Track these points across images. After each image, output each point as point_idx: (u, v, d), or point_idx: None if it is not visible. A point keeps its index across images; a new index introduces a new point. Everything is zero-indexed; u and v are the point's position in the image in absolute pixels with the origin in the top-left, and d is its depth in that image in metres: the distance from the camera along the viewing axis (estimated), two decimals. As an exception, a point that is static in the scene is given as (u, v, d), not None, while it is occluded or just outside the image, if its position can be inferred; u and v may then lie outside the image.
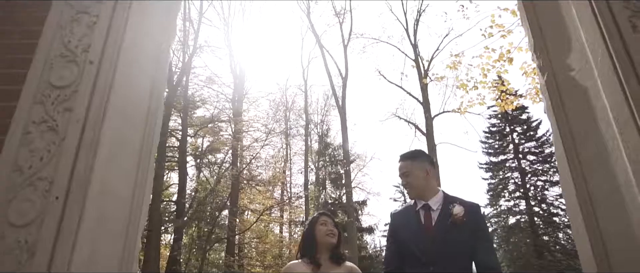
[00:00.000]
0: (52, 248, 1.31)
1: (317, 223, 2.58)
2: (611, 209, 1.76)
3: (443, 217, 2.34)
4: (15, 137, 1.45)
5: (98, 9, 1.69)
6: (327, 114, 23.08)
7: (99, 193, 1.48)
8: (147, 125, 1.83)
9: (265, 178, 17.60)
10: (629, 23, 1.75)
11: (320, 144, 22.18)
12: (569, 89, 2.03)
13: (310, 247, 2.51)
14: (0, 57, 1.67)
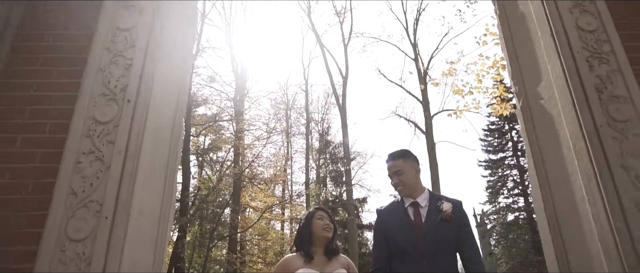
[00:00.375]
0: (105, 259, 1.62)
1: (314, 217, 2.61)
2: (570, 221, 2.07)
3: (432, 214, 2.41)
4: (68, 166, 1.75)
5: (132, 52, 1.99)
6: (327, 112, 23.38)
7: (138, 213, 1.79)
8: (171, 150, 2.14)
9: (266, 177, 17.90)
10: (587, 63, 2.04)
11: (320, 142, 22.49)
12: (539, 115, 2.33)
13: (306, 241, 2.54)
14: (47, 94, 1.97)
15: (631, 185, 1.79)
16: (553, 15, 2.18)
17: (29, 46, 2.05)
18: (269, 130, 18.47)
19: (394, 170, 2.53)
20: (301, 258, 2.48)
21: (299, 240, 2.62)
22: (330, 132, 23.30)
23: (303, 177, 21.47)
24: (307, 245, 2.52)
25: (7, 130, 1.89)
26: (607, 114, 1.93)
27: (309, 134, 21.15)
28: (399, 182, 2.51)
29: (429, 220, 2.41)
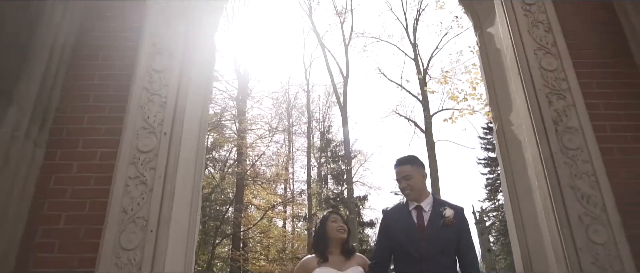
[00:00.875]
0: (151, 264, 2.04)
1: (328, 220, 2.71)
2: (533, 229, 2.49)
3: (434, 218, 2.51)
4: (119, 189, 2.17)
5: (166, 91, 2.40)
6: (328, 110, 23.78)
7: (174, 226, 2.21)
8: (196, 172, 2.57)
9: (269, 176, 18.31)
10: (547, 98, 2.45)
11: (322, 141, 22.90)
12: (511, 138, 2.74)
13: (322, 243, 2.64)
14: (97, 127, 2.39)
15: (577, 202, 2.20)
16: (520, 55, 2.58)
17: (81, 85, 2.47)
18: (270, 130, 18.86)
19: (403, 175, 2.62)
20: (318, 259, 2.57)
21: (315, 242, 2.73)
22: (331, 131, 23.72)
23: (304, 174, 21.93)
24: (324, 247, 2.62)
25: (66, 157, 2.31)
26: (561, 142, 2.34)
27: (311, 132, 21.55)
28: (407, 186, 2.60)
29: (431, 224, 2.50)
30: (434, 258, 2.41)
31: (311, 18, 18.30)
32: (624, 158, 2.36)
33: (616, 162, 2.34)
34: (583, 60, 2.60)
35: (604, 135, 2.40)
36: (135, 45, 2.55)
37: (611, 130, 2.44)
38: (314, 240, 2.80)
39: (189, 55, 2.56)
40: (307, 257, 2.73)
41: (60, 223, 2.17)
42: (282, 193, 21.06)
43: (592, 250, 2.11)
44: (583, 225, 2.16)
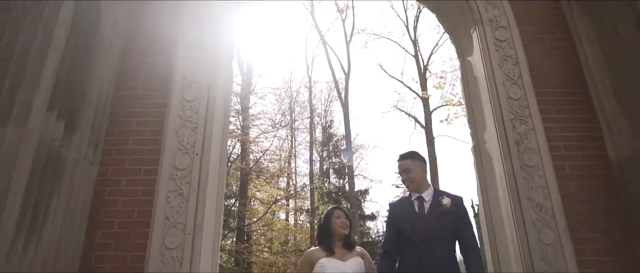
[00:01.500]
0: (190, 261, 2.58)
1: (332, 216, 2.91)
2: (500, 232, 3.01)
3: (433, 207, 2.74)
4: (162, 200, 2.71)
5: (196, 118, 2.93)
6: (330, 105, 24.27)
7: (206, 229, 2.75)
8: (219, 184, 3.10)
9: (272, 171, 18.87)
10: (511, 123, 2.97)
11: (323, 135, 23.44)
12: (484, 154, 3.26)
13: (326, 237, 2.86)
14: (141, 148, 2.92)
15: (532, 210, 2.73)
16: (491, 86, 3.10)
17: (125, 112, 3.00)
18: (273, 125, 19.38)
19: (404, 168, 2.86)
20: (322, 251, 2.79)
21: (320, 235, 2.95)
22: (332, 125, 24.25)
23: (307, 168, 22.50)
24: (328, 240, 2.84)
25: (116, 173, 2.85)
26: (522, 160, 2.86)
27: (313, 127, 22.08)
28: (407, 179, 2.85)
29: (431, 212, 2.73)
30: (433, 243, 2.64)
31: (313, 16, 18.70)
32: (574, 173, 2.89)
33: (567, 177, 2.87)
34: (545, 90, 3.12)
35: (558, 154, 2.92)
36: (169, 78, 3.07)
37: (564, 149, 2.96)
38: (318, 234, 3.03)
39: (213, 84, 3.08)
40: (312, 248, 2.94)
41: (115, 228, 2.71)
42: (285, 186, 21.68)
43: (542, 249, 2.64)
44: (536, 229, 2.70)
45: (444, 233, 2.67)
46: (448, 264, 2.62)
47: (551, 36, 3.32)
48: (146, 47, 3.20)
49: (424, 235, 2.67)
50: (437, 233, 2.66)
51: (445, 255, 2.64)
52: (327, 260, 2.73)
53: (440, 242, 2.66)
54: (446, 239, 2.68)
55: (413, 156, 2.92)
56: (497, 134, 2.99)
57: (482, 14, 3.30)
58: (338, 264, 2.71)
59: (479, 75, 3.33)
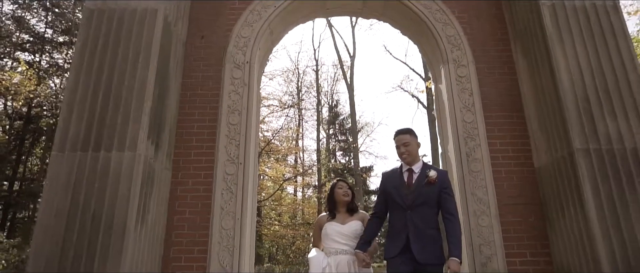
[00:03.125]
0: (240, 237, 3.88)
1: (336, 187, 3.55)
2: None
3: (421, 178, 3.15)
4: (218, 196, 3.98)
5: (239, 137, 4.16)
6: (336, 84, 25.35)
7: (247, 215, 4.04)
8: (254, 181, 4.36)
9: (282, 149, 20.22)
10: (464, 141, 4.16)
11: (330, 114, 24.65)
12: (447, 160, 4.48)
13: (332, 204, 3.52)
14: (200, 158, 4.17)
15: (475, 203, 3.97)
16: (451, 111, 4.28)
17: (187, 132, 4.24)
18: (282, 106, 20.58)
19: (403, 142, 3.25)
20: (328, 217, 3.47)
21: (327, 204, 3.58)
22: (338, 105, 25.40)
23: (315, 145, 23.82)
24: (333, 207, 3.51)
25: (184, 177, 4.11)
26: (469, 167, 4.08)
27: (320, 107, 23.27)
28: (405, 152, 3.22)
29: (418, 182, 3.15)
30: (417, 207, 3.08)
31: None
32: (507, 176, 4.11)
33: (501, 179, 4.09)
34: (491, 114, 4.30)
35: (497, 162, 4.14)
36: (217, 106, 4.29)
37: (502, 158, 4.17)
38: (327, 202, 3.63)
39: (249, 109, 4.30)
40: (322, 214, 3.62)
41: (186, 215, 4.00)
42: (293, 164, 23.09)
43: (479, 229, 3.89)
44: (476, 215, 3.94)
45: (427, 200, 3.10)
46: (428, 225, 3.05)
47: (500, 71, 4.47)
48: (199, 83, 4.41)
49: (410, 202, 3.11)
50: (421, 200, 3.10)
51: (427, 217, 3.07)
52: (329, 224, 3.43)
53: (423, 207, 3.09)
54: (428, 205, 3.11)
55: (411, 132, 3.34)
56: (454, 148, 4.20)
57: (449, 55, 4.45)
58: (337, 227, 3.38)
59: (445, 100, 4.50)
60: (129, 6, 3.90)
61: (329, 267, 3.22)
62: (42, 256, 3.19)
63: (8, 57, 16.24)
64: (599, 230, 3.29)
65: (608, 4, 3.99)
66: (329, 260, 3.27)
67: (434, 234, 3.06)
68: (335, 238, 3.34)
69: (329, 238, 3.37)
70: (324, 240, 3.42)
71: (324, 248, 3.42)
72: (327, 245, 3.39)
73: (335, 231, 3.37)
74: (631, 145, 3.51)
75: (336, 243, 3.33)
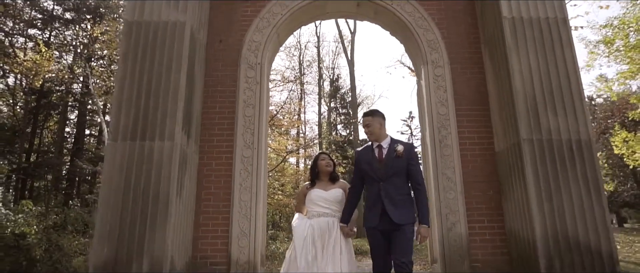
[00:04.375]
0: (255, 207, 4.92)
1: (319, 159, 4.08)
2: (432, 192, 5.27)
3: (390, 152, 3.56)
4: (237, 175, 5.00)
5: (253, 126, 5.13)
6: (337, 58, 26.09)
7: (261, 190, 5.06)
8: (265, 161, 5.37)
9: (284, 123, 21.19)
10: (438, 130, 5.13)
11: (331, 88, 25.48)
12: (424, 146, 5.47)
13: (315, 174, 4.04)
14: (220, 144, 5.16)
15: (445, 179, 4.97)
16: (428, 105, 5.22)
17: (210, 123, 5.21)
18: (284, 80, 21.41)
19: (365, 123, 3.73)
20: (310, 185, 4.01)
21: (310, 173, 4.13)
22: (339, 79, 26.18)
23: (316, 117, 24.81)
24: (315, 176, 4.04)
25: (209, 159, 5.11)
26: (441, 152, 5.06)
27: (322, 80, 24.10)
28: (368, 131, 3.69)
29: (387, 156, 3.57)
30: (389, 178, 3.52)
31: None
32: (472, 159, 5.09)
33: (467, 161, 5.07)
34: (461, 107, 5.24)
35: (464, 147, 5.11)
36: (234, 101, 5.23)
37: (469, 144, 5.14)
38: (310, 172, 4.12)
39: (261, 103, 5.25)
40: (305, 183, 4.16)
41: (211, 189, 5.03)
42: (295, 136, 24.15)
43: (447, 202, 4.91)
44: (445, 190, 4.95)
45: (396, 172, 3.52)
46: (400, 192, 3.49)
47: (471, 71, 5.38)
48: (218, 81, 5.35)
49: (381, 174, 3.54)
50: (391, 172, 3.51)
51: (398, 186, 3.50)
52: (313, 190, 3.92)
53: (394, 177, 3.51)
54: (398, 176, 3.53)
55: (373, 114, 3.76)
56: (429, 136, 5.18)
57: (428, 57, 5.35)
58: (321, 193, 3.87)
59: (424, 95, 5.43)
60: (162, 19, 4.79)
61: (311, 228, 3.68)
62: (106, 222, 4.23)
63: (20, 35, 17.01)
64: (535, 202, 4.30)
65: (558, 18, 4.86)
66: (311, 222, 3.75)
67: (405, 199, 3.52)
68: (319, 202, 3.81)
69: (313, 203, 3.84)
70: (308, 205, 3.90)
71: (307, 212, 3.90)
72: (310, 209, 3.86)
73: (319, 196, 3.84)
74: (566, 137, 4.47)
75: (319, 207, 3.80)
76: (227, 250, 4.79)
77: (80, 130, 18.08)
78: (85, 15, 17.61)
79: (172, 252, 4.24)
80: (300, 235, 3.60)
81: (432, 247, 5.27)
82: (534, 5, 4.90)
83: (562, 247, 4.15)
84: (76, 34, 17.65)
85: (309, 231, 3.63)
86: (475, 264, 4.77)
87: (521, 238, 4.48)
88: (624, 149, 14.72)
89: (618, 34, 13.83)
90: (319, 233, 3.61)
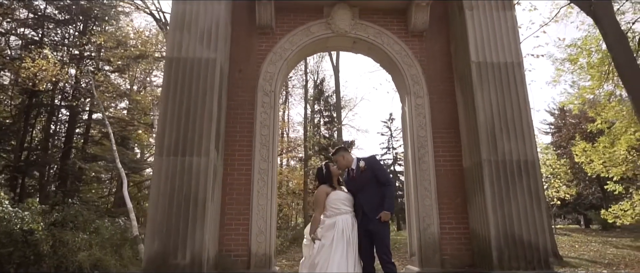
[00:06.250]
0: (271, 210, 6.19)
1: (330, 167, 4.92)
2: (409, 197, 6.65)
3: (357, 171, 4.81)
4: (255, 183, 6.25)
5: (268, 143, 6.40)
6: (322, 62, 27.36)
7: (273, 195, 6.33)
8: (275, 172, 6.65)
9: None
10: (417, 149, 6.51)
11: (315, 90, 26.76)
12: (406, 161, 6.85)
13: (330, 179, 4.85)
14: (240, 158, 6.40)
15: (423, 189, 6.35)
16: (410, 128, 6.59)
17: (232, 140, 6.44)
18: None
19: (334, 160, 5.06)
20: (329, 186, 4.79)
21: (326, 178, 4.84)
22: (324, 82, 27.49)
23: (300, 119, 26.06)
24: (330, 181, 4.87)
25: (231, 171, 6.34)
26: (420, 167, 6.43)
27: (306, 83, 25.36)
28: (338, 166, 4.99)
29: (357, 174, 4.82)
30: (362, 189, 4.70)
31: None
32: (445, 173, 6.48)
33: (441, 175, 6.46)
34: (437, 130, 6.62)
35: (438, 163, 6.49)
36: (252, 121, 6.48)
37: (442, 161, 6.53)
38: (325, 178, 4.87)
39: (274, 124, 6.52)
40: (323, 185, 4.81)
41: (234, 195, 6.27)
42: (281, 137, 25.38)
43: (424, 207, 6.28)
44: (422, 198, 6.33)
45: (367, 183, 4.70)
46: (373, 198, 4.62)
47: (446, 100, 6.77)
48: (239, 105, 6.58)
49: (356, 188, 4.78)
50: (362, 185, 4.72)
51: (371, 194, 4.65)
52: (334, 193, 4.74)
53: (366, 187, 4.69)
54: (369, 186, 4.68)
55: (335, 153, 5.13)
56: (410, 154, 6.55)
57: (411, 89, 6.72)
58: (341, 194, 4.74)
59: (407, 120, 6.79)
60: (196, 56, 6.00)
61: (343, 222, 4.50)
62: (155, 221, 5.43)
63: (13, 34, 17.68)
64: (491, 208, 5.70)
65: (514, 63, 6.28)
66: (337, 218, 4.55)
67: (378, 201, 4.63)
68: (344, 202, 4.66)
69: (339, 202, 4.65)
70: (331, 204, 4.64)
71: (330, 210, 4.63)
72: (335, 207, 4.62)
73: (343, 197, 4.71)
74: (516, 157, 5.90)
75: (343, 206, 4.64)
76: (248, 245, 6.05)
77: (70, 129, 18.85)
78: (78, 16, 18.37)
79: (208, 246, 5.48)
80: (339, 228, 4.44)
81: (411, 243, 6.64)
82: (496, 51, 6.31)
83: (510, 243, 5.57)
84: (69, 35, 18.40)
85: (343, 225, 4.48)
86: (445, 257, 6.17)
87: (480, 236, 5.89)
88: (583, 158, 16.58)
89: (581, 53, 15.59)
90: (348, 226, 4.50)
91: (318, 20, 6.88)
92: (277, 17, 6.86)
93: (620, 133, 15.41)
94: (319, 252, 4.35)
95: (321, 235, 4.43)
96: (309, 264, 4.43)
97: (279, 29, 6.87)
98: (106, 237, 13.74)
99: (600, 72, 14.67)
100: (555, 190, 20.52)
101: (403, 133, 7.05)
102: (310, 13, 6.89)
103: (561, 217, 35.88)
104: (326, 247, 4.34)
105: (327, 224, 4.53)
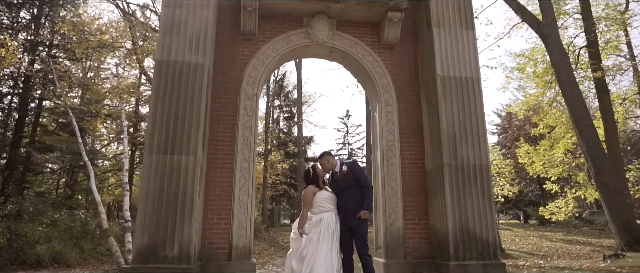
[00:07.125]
0: (250, 207, 6.71)
1: (316, 168, 5.41)
2: (377, 195, 7.39)
3: (340, 174, 5.31)
4: (236, 181, 6.74)
5: (249, 143, 6.90)
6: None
7: (253, 192, 6.85)
8: (254, 172, 7.16)
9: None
10: (385, 152, 7.26)
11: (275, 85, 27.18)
12: (375, 163, 7.60)
13: (317, 179, 5.31)
14: (222, 157, 6.86)
15: (389, 189, 7.10)
16: (380, 132, 7.32)
17: (215, 139, 6.88)
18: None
19: (320, 165, 5.50)
20: (315, 187, 5.29)
21: (312, 179, 5.36)
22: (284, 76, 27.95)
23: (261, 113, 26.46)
24: (316, 181, 5.34)
25: (214, 168, 6.79)
26: (388, 168, 7.17)
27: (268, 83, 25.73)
28: (324, 168, 5.48)
29: (340, 177, 5.33)
30: (344, 191, 5.22)
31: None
32: (410, 174, 7.27)
33: (406, 175, 7.24)
34: (404, 135, 7.38)
35: (404, 165, 7.26)
36: (235, 123, 6.94)
37: (408, 163, 7.30)
38: (312, 178, 5.38)
39: (255, 126, 7.02)
40: (311, 185, 5.33)
41: (216, 192, 6.72)
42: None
43: (390, 204, 7.04)
44: (389, 196, 7.08)
45: (348, 185, 5.21)
46: (354, 199, 5.12)
47: (412, 108, 7.54)
48: (222, 107, 7.02)
49: (339, 190, 5.28)
50: (344, 186, 5.24)
51: (352, 195, 5.15)
52: (320, 192, 5.27)
53: (348, 190, 5.21)
54: (351, 188, 5.20)
55: (320, 157, 5.62)
56: (379, 156, 7.28)
57: (381, 97, 7.44)
58: (326, 194, 5.25)
59: (377, 125, 7.51)
60: (185, 60, 6.38)
61: (328, 219, 5.05)
62: (146, 215, 5.81)
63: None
64: (449, 207, 6.53)
65: (474, 78, 7.14)
66: (323, 215, 5.09)
67: (358, 201, 5.14)
68: (329, 201, 5.21)
69: (324, 201, 5.19)
70: (317, 203, 5.17)
71: (316, 208, 5.16)
72: (321, 205, 5.16)
73: (327, 197, 5.25)
74: (472, 162, 6.77)
75: (328, 204, 5.19)
76: (229, 238, 6.55)
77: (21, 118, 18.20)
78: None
79: (194, 239, 5.93)
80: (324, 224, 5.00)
81: (377, 236, 7.39)
82: (459, 67, 7.14)
83: (465, 237, 6.43)
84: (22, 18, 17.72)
85: (328, 221, 5.04)
86: (408, 249, 6.96)
87: (439, 231, 6.73)
88: (526, 159, 18.22)
89: (528, 63, 17.09)
90: (332, 223, 5.06)
91: (298, 29, 7.43)
92: (260, 24, 7.33)
93: (559, 137, 17.10)
94: (307, 245, 4.93)
95: (308, 230, 5.01)
96: (298, 256, 5.01)
97: (261, 36, 7.35)
98: (63, 230, 13.60)
99: (544, 81, 16.20)
100: (500, 188, 22.25)
101: (373, 137, 7.77)
102: (292, 22, 7.43)
103: (503, 213, 38.55)
104: (314, 241, 4.92)
105: (314, 220, 5.09)
